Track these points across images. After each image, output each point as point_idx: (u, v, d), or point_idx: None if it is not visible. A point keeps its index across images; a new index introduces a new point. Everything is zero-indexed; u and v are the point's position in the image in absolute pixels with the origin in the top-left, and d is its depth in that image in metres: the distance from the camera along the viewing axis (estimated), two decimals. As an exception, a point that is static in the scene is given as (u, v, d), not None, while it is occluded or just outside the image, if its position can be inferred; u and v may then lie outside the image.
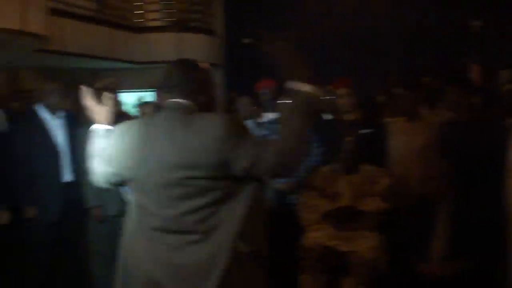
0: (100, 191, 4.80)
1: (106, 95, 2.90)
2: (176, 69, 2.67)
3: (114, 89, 5.10)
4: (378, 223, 4.49)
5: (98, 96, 5.06)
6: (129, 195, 2.72)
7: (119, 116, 5.62)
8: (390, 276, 4.26)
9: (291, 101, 2.52)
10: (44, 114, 4.99)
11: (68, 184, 4.99)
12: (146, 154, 2.52)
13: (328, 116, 5.41)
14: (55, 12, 9.68)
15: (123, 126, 2.73)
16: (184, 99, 2.60)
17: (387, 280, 4.23)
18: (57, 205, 4.93)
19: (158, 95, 6.03)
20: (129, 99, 12.55)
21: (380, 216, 4.50)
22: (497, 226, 4.16)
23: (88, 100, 2.93)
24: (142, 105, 5.24)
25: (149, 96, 10.10)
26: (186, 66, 2.69)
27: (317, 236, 4.47)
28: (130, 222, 2.68)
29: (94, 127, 2.85)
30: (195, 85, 2.65)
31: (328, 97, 5.38)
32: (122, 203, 4.82)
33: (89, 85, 3.15)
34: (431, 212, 4.27)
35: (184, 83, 2.63)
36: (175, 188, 2.47)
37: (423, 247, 4.22)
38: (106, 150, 2.74)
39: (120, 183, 2.74)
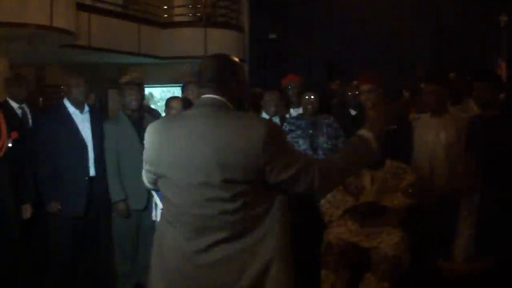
0: (124, 185, 4.89)
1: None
2: (214, 64, 2.58)
3: (140, 84, 5.14)
4: (402, 220, 4.46)
5: (124, 90, 5.16)
6: (161, 193, 2.69)
7: (145, 110, 5.73)
8: (412, 274, 4.22)
9: (357, 142, 2.58)
10: (70, 108, 5.03)
11: (92, 178, 5.02)
12: (182, 152, 2.44)
13: (353, 112, 5.40)
14: (82, 7, 9.77)
15: (158, 123, 2.69)
16: (219, 95, 2.52)
17: (410, 278, 4.20)
18: (82, 200, 4.97)
19: (186, 90, 6.04)
20: (155, 93, 12.66)
21: (404, 213, 4.47)
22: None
23: None
24: (170, 100, 5.25)
25: (175, 91, 10.10)
26: (224, 62, 2.60)
27: (339, 231, 4.46)
28: (163, 221, 2.64)
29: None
30: (232, 81, 2.57)
31: (354, 93, 5.38)
32: (147, 197, 4.87)
33: (115, 80, 3.12)
34: (456, 209, 4.24)
35: (221, 79, 2.54)
36: (209, 188, 2.40)
37: (447, 245, 4.18)
38: (144, 150, 2.70)
39: (156, 182, 2.70)
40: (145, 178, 2.84)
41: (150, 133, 2.64)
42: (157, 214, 4.98)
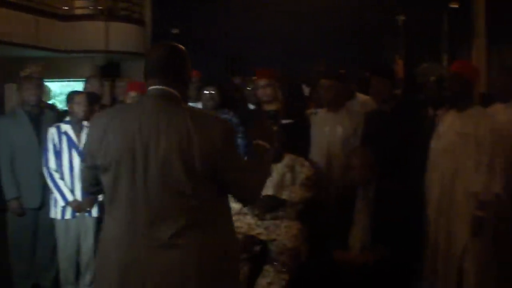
0: (18, 182, 4.73)
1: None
2: (162, 54, 2.47)
3: (39, 78, 4.99)
4: (300, 212, 4.54)
5: (23, 84, 4.98)
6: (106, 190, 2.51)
7: (45, 105, 5.56)
8: (311, 264, 4.30)
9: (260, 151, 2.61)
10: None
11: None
12: (134, 145, 2.32)
13: (251, 106, 5.43)
14: (-26, -2, 9.34)
15: (104, 114, 2.55)
16: (169, 86, 2.42)
17: (308, 268, 4.27)
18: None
19: (88, 84, 5.91)
20: (54, 88, 12.27)
21: (302, 205, 4.55)
22: (416, 216, 4.29)
23: None
24: (74, 94, 5.11)
25: (75, 85, 9.85)
26: (173, 51, 2.49)
27: (238, 225, 4.47)
28: (108, 219, 2.49)
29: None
30: (182, 72, 2.49)
31: (250, 88, 5.41)
32: (42, 195, 4.73)
33: (15, 73, 2.98)
34: (352, 201, 4.34)
35: (171, 69, 2.45)
36: (164, 181, 2.31)
37: (344, 236, 4.28)
38: (85, 143, 2.57)
39: (98, 180, 2.53)
40: (84, 180, 2.67)
41: (95, 125, 2.51)
42: (56, 212, 4.86)
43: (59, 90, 12.11)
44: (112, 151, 2.36)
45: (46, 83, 6.09)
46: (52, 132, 4.78)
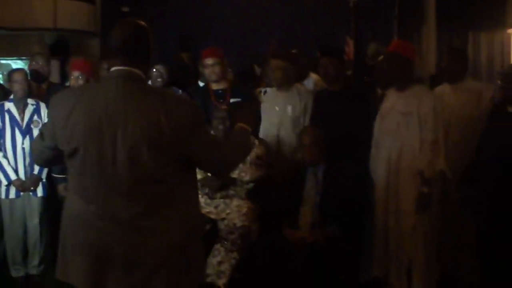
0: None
1: None
2: (125, 33, 2.41)
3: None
4: (250, 191, 4.54)
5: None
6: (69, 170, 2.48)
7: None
8: (261, 243, 4.31)
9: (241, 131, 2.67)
10: None
11: None
12: (100, 126, 2.29)
13: (201, 84, 5.40)
14: None
15: (65, 95, 2.50)
16: (133, 67, 2.36)
17: (258, 247, 4.28)
18: None
19: (33, 62, 5.76)
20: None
21: (252, 184, 4.55)
22: (365, 195, 4.33)
23: None
24: (12, 72, 4.97)
25: (20, 64, 9.63)
26: (136, 29, 2.43)
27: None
28: (74, 199, 2.46)
29: None
30: (145, 51, 2.43)
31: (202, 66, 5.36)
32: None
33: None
34: (302, 180, 4.36)
35: (133, 49, 2.39)
36: (129, 167, 2.29)
37: (294, 214, 4.30)
38: (47, 123, 2.52)
39: (56, 159, 2.52)
40: (38, 156, 2.64)
41: (58, 105, 2.44)
42: (0, 191, 4.76)
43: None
44: (78, 134, 2.31)
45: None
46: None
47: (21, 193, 4.73)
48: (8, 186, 4.70)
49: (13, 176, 4.67)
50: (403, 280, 4.25)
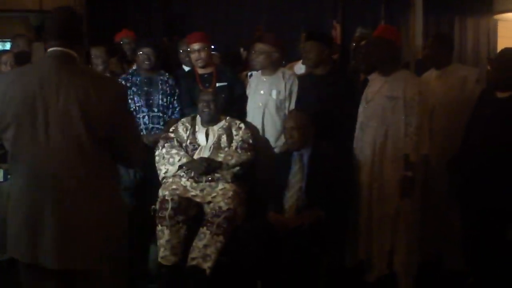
0: None
1: None
2: (62, 17, 2.63)
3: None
4: (236, 175, 4.54)
5: None
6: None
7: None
8: (246, 227, 4.32)
9: None
10: None
11: None
12: (33, 103, 2.44)
13: (186, 68, 5.38)
14: None
15: (4, 75, 2.72)
16: (68, 48, 2.56)
17: (244, 231, 4.29)
18: None
19: (15, 44, 5.73)
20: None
21: (239, 168, 4.55)
22: (348, 177, 4.35)
23: None
24: (1, 54, 4.96)
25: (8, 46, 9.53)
26: (70, 15, 2.66)
27: (174, 187, 4.46)
28: (14, 176, 2.62)
29: None
30: (79, 34, 2.66)
31: (184, 50, 5.34)
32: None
33: None
34: (288, 163, 4.37)
35: (69, 32, 2.59)
36: (61, 138, 2.44)
37: (279, 198, 4.31)
38: None
39: None
40: None
41: None
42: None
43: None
44: (12, 109, 2.46)
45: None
46: None
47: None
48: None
49: None
50: (384, 262, 4.29)
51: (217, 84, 5.02)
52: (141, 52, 5.05)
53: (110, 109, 2.47)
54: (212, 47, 5.37)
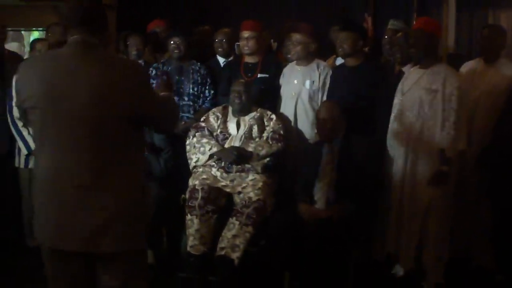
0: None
1: None
2: (82, 5, 2.58)
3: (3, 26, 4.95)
4: (266, 165, 4.53)
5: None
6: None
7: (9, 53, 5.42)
8: (276, 218, 4.31)
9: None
10: None
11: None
12: (54, 90, 2.44)
13: (228, 59, 5.37)
14: None
15: (30, 60, 2.73)
16: (90, 36, 2.53)
17: (273, 222, 4.28)
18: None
19: (49, 32, 5.77)
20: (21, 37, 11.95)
21: (269, 159, 4.54)
22: (379, 170, 4.32)
23: None
24: (35, 42, 5.03)
25: (36, 35, 9.63)
26: (91, 2, 2.61)
27: (204, 177, 4.46)
28: (37, 162, 2.62)
29: None
30: (100, 22, 2.62)
31: (222, 40, 5.32)
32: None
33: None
34: (319, 155, 4.34)
35: (91, 19, 2.56)
36: (83, 124, 2.43)
37: (310, 189, 4.28)
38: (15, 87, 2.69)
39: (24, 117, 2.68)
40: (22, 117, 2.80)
41: (21, 69, 2.64)
42: (20, 161, 4.80)
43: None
44: (35, 96, 2.47)
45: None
46: (15, 80, 4.72)
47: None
48: (27, 156, 4.73)
49: (33, 146, 4.68)
50: (412, 257, 4.26)
51: (259, 75, 5.01)
52: (171, 42, 5.06)
53: (131, 92, 2.46)
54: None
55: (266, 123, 4.68)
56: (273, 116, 4.70)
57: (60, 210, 2.47)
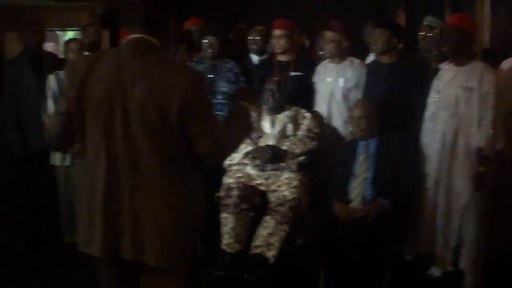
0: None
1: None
2: (145, 4, 2.48)
3: (41, 24, 5.01)
4: (301, 163, 4.52)
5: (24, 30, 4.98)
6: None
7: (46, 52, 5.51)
8: (311, 216, 4.30)
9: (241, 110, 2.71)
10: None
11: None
12: (110, 94, 2.33)
13: (262, 57, 5.37)
14: None
15: (81, 60, 2.59)
16: (150, 36, 2.42)
17: (308, 220, 4.28)
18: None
19: (85, 33, 5.84)
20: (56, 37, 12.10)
21: (304, 157, 4.53)
22: (414, 169, 4.28)
23: None
24: (69, 42, 5.08)
25: (73, 34, 9.74)
26: (153, 1, 2.50)
27: (239, 175, 4.47)
28: (83, 167, 2.50)
29: None
30: (162, 21, 2.50)
31: (256, 38, 5.33)
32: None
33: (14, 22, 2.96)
34: (354, 154, 4.32)
35: (152, 19, 2.45)
36: (138, 131, 2.31)
37: (345, 188, 4.27)
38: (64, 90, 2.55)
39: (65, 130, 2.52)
40: (51, 131, 2.61)
41: (71, 70, 2.51)
42: (56, 159, 4.86)
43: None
44: (91, 99, 2.35)
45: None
46: (51, 79, 4.81)
47: (76, 160, 4.79)
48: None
49: None
50: (449, 258, 4.21)
51: (292, 73, 5.00)
52: (205, 40, 5.08)
53: (184, 98, 2.29)
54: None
55: (300, 121, 4.67)
56: (308, 114, 4.69)
57: (111, 217, 2.39)
